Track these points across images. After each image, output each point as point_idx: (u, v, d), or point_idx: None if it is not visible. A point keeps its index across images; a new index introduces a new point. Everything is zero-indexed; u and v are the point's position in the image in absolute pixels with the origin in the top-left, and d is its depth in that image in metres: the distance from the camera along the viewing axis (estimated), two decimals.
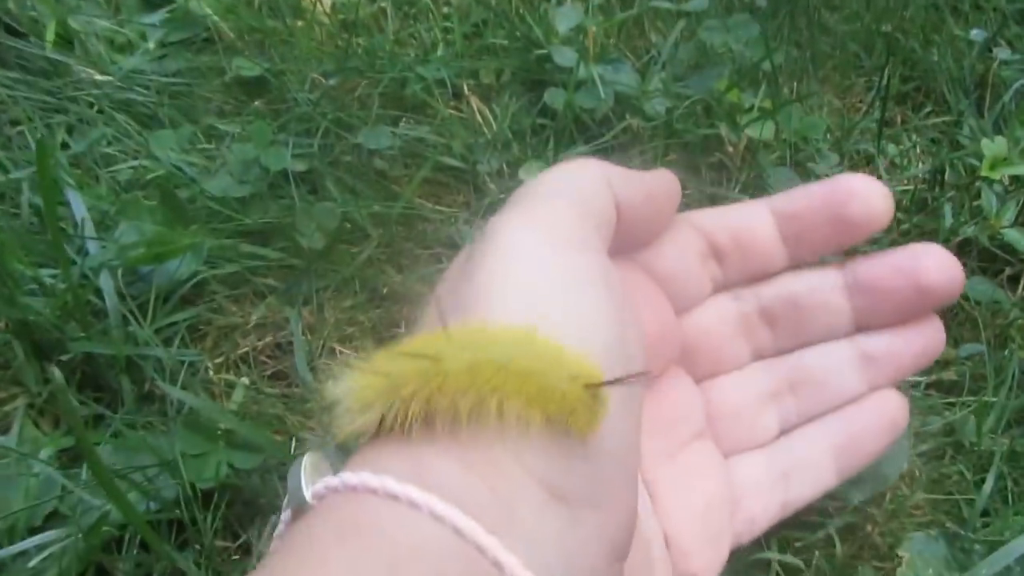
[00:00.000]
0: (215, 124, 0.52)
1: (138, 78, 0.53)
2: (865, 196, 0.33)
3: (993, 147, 0.53)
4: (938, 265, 0.33)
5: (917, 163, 0.58)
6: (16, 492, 0.34)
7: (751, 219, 0.35)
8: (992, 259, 0.51)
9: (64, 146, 0.48)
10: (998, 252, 0.50)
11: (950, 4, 0.72)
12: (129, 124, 0.50)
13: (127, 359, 0.36)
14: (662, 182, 0.32)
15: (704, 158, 0.56)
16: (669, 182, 0.33)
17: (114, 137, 0.49)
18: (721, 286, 0.36)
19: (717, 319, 0.36)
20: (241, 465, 0.32)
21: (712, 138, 0.56)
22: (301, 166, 0.49)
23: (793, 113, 0.57)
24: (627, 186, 0.30)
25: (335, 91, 0.54)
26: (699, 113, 0.58)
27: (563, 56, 0.56)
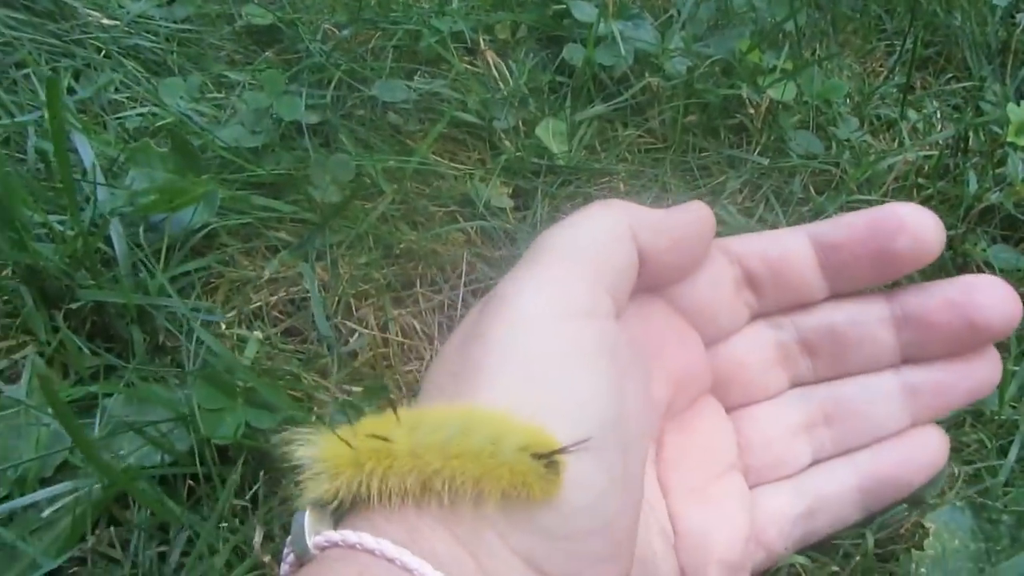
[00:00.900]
0: (225, 73, 0.50)
1: (146, 23, 0.51)
2: (914, 229, 0.31)
3: (1019, 112, 0.52)
4: (993, 300, 0.31)
5: (939, 128, 0.57)
6: (27, 443, 0.33)
7: (789, 248, 0.33)
8: (1015, 226, 0.50)
9: (70, 91, 0.47)
10: (1022, 219, 0.49)
11: None
12: (137, 71, 0.49)
13: (138, 309, 0.35)
14: (693, 222, 0.31)
15: (724, 119, 0.55)
16: (701, 220, 0.31)
17: (121, 83, 0.48)
18: (758, 313, 0.35)
19: (753, 348, 0.34)
20: (259, 424, 0.31)
21: (732, 99, 0.55)
22: (314, 118, 0.48)
23: (815, 75, 0.55)
24: (652, 232, 0.29)
25: (348, 42, 0.53)
26: (718, 74, 0.56)
27: (583, 11, 0.54)
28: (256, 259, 0.43)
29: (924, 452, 0.34)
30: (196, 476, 0.33)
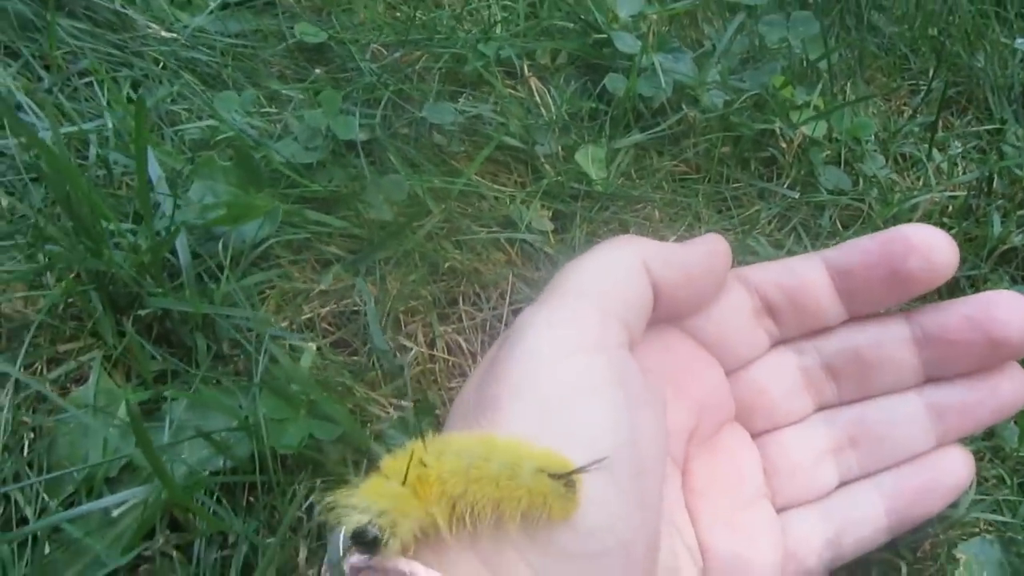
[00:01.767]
0: (277, 89, 0.52)
1: (202, 37, 0.53)
2: (925, 249, 0.32)
3: None
4: (1012, 315, 0.32)
5: (963, 170, 0.59)
6: (93, 443, 0.34)
7: (805, 274, 0.34)
8: None
9: (129, 100, 0.48)
10: None
11: (995, 11, 0.72)
12: (193, 83, 0.50)
13: (203, 317, 0.37)
14: (707, 255, 0.32)
15: (756, 152, 0.57)
16: (716, 252, 0.33)
17: (179, 95, 0.49)
18: (780, 340, 0.36)
19: (776, 374, 0.35)
20: (320, 435, 0.33)
21: (765, 133, 0.56)
22: (363, 136, 0.49)
23: (845, 113, 0.57)
24: (667, 266, 0.31)
25: (396, 63, 0.55)
26: (751, 108, 0.58)
27: (625, 42, 0.56)
28: (307, 272, 0.44)
29: (950, 474, 0.35)
30: (254, 483, 0.34)
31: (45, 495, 0.33)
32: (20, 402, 0.35)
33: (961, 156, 0.60)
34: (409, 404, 0.38)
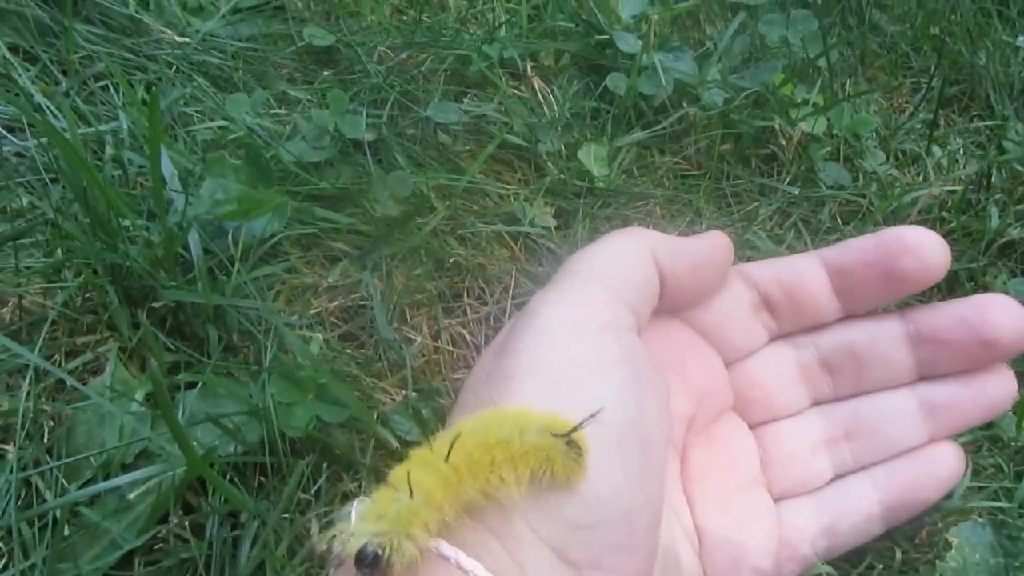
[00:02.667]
0: (286, 90, 0.53)
1: (214, 41, 0.54)
2: (919, 249, 0.33)
3: None
4: (1003, 318, 0.33)
5: (963, 165, 0.59)
6: (110, 430, 0.36)
7: (803, 271, 0.35)
8: None
9: (143, 103, 0.50)
10: None
11: (998, 9, 0.73)
12: (205, 86, 0.52)
13: (214, 309, 0.38)
14: (711, 249, 0.34)
15: (756, 149, 0.58)
16: (719, 247, 0.34)
17: (191, 97, 0.51)
18: (777, 335, 0.37)
19: (774, 367, 0.36)
20: (328, 418, 0.34)
21: (765, 130, 0.57)
22: (370, 135, 0.50)
23: (845, 110, 0.58)
24: (673, 257, 0.32)
25: (402, 65, 0.56)
26: (752, 105, 0.59)
27: (626, 42, 0.57)
28: (315, 267, 0.46)
29: (942, 467, 0.35)
30: (265, 468, 0.35)
31: (64, 480, 0.35)
32: (40, 391, 0.37)
33: (961, 152, 0.61)
34: (414, 393, 0.39)
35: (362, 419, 0.34)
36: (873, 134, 0.60)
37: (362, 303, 0.44)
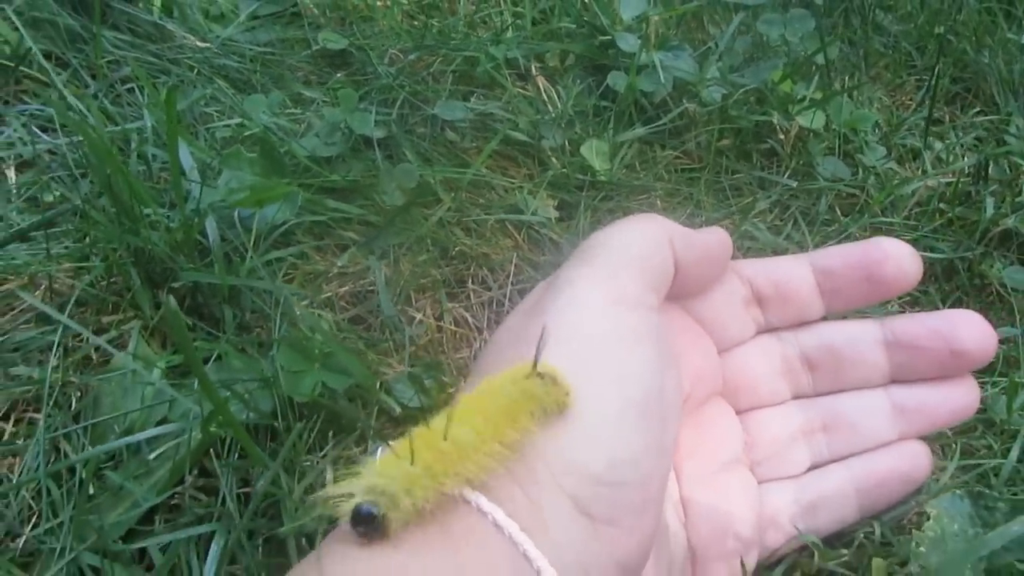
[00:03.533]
0: (301, 91, 0.56)
1: (233, 46, 0.57)
2: (898, 258, 0.36)
3: None
4: (972, 332, 0.36)
5: (962, 158, 0.60)
6: (133, 400, 0.38)
7: (792, 271, 0.38)
8: None
9: (166, 100, 0.53)
10: None
11: (1003, 8, 0.74)
12: (225, 88, 0.55)
13: (229, 289, 0.41)
14: (716, 242, 0.36)
15: (756, 144, 0.59)
16: (723, 242, 0.36)
17: (211, 98, 0.54)
18: (764, 329, 0.39)
19: (761, 358, 0.39)
20: (333, 385, 0.36)
21: (764, 125, 0.59)
22: (380, 133, 0.53)
23: (843, 105, 0.59)
24: (686, 247, 0.34)
25: (412, 66, 0.58)
26: (752, 102, 0.61)
27: (626, 42, 0.59)
28: (327, 255, 0.48)
29: (912, 461, 0.38)
30: (277, 433, 0.37)
31: (90, 445, 0.37)
32: (68, 365, 0.39)
33: (960, 146, 0.62)
34: (414, 367, 0.41)
35: (366, 386, 0.36)
36: (874, 130, 0.62)
37: (370, 288, 0.46)
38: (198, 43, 0.56)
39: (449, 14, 0.66)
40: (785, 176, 0.57)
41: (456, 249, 0.50)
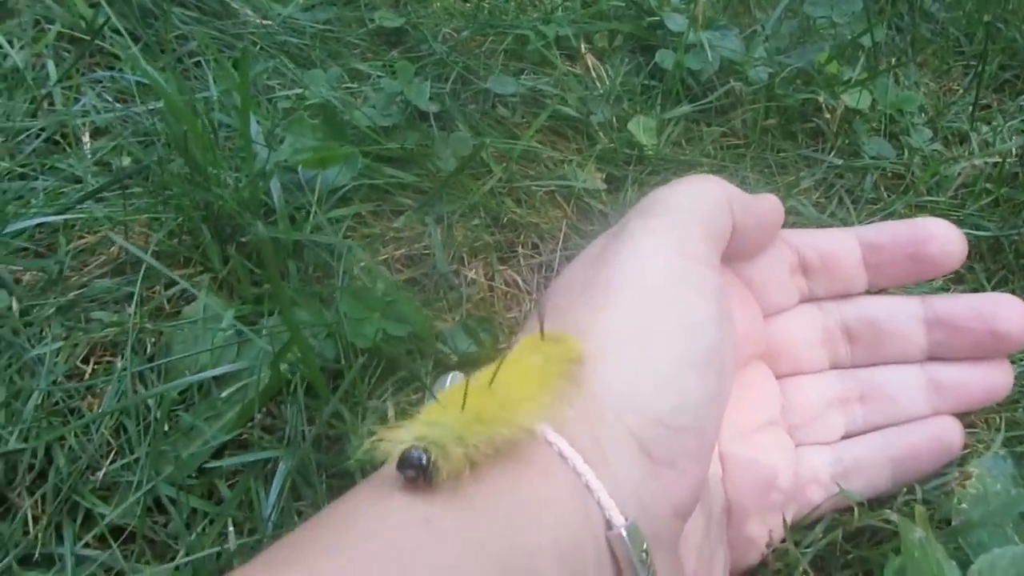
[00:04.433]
0: (358, 67, 0.58)
1: (293, 23, 0.60)
2: (944, 240, 0.37)
3: None
4: (1012, 315, 0.37)
5: (1010, 139, 0.61)
6: (204, 347, 0.40)
7: (839, 243, 0.39)
8: None
9: (234, 66, 0.55)
10: None
11: None
12: (286, 64, 0.57)
13: (294, 244, 0.43)
14: (770, 209, 0.37)
15: (801, 123, 0.60)
16: (775, 209, 0.37)
17: (274, 71, 0.56)
18: (807, 298, 0.40)
19: (802, 326, 0.40)
20: (394, 332, 0.38)
21: (810, 104, 0.60)
22: (434, 107, 0.55)
23: (889, 86, 0.60)
24: (743, 209, 0.35)
25: (465, 44, 0.60)
26: (798, 82, 0.61)
27: (675, 22, 0.60)
28: (383, 220, 0.50)
29: (946, 434, 0.38)
30: (340, 382, 0.39)
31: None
32: (143, 314, 0.42)
33: (1007, 129, 0.62)
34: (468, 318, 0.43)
35: (423, 335, 0.38)
36: (921, 114, 0.62)
37: (424, 252, 0.48)
38: (260, 21, 0.59)
39: None
40: (830, 155, 0.58)
41: (507, 218, 0.51)
